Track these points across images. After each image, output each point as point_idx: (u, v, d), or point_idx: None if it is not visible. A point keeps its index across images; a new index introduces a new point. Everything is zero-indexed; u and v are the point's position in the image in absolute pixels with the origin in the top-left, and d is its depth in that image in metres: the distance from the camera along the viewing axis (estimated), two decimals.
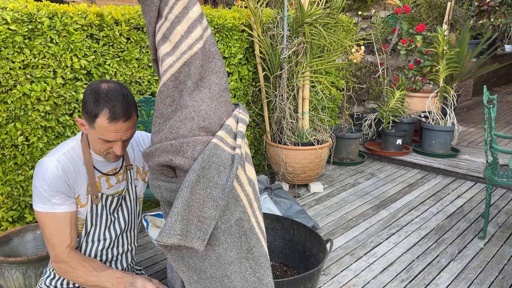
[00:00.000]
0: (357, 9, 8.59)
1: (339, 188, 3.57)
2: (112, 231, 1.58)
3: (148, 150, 1.16)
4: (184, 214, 1.08)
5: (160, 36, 1.11)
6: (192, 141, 1.09)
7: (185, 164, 1.10)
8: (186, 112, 1.09)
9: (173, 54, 1.10)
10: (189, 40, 1.09)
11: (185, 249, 1.17)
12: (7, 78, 2.19)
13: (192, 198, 1.08)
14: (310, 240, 2.09)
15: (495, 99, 2.92)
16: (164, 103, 1.13)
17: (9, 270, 1.89)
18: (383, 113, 4.24)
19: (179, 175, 1.16)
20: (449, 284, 2.24)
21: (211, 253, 1.16)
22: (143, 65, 2.76)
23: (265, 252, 1.26)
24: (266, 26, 3.44)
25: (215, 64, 1.14)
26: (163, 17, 1.10)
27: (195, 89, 1.10)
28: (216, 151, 1.10)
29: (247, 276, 1.23)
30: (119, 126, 1.33)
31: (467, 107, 6.85)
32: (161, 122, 1.14)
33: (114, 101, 1.30)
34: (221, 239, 1.16)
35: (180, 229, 1.08)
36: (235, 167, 1.11)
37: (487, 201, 2.67)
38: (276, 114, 3.46)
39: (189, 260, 1.18)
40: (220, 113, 1.14)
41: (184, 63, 1.10)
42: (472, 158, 4.19)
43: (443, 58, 4.19)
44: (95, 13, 2.45)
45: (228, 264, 1.17)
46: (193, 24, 1.09)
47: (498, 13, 7.26)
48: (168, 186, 1.16)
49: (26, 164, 2.36)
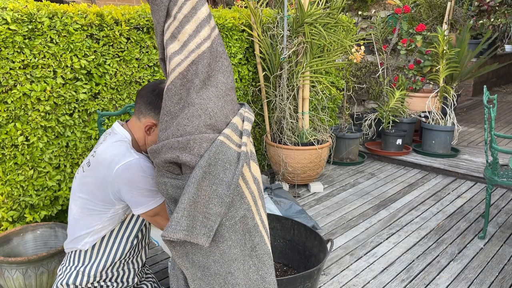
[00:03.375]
0: (357, 9, 8.59)
1: (339, 188, 3.57)
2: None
3: (155, 147, 1.17)
4: (190, 210, 1.09)
5: (169, 35, 1.13)
6: (199, 138, 1.10)
7: (191, 160, 1.11)
8: (193, 110, 1.11)
9: (181, 52, 1.12)
10: (197, 39, 1.11)
11: (189, 245, 1.17)
12: (7, 78, 2.19)
13: (198, 194, 1.09)
14: (310, 240, 2.09)
15: (495, 99, 2.92)
16: (172, 101, 1.14)
17: (9, 270, 1.89)
18: (383, 113, 4.24)
19: (185, 172, 1.17)
20: (449, 284, 2.24)
21: (215, 249, 1.17)
22: (143, 65, 2.76)
23: (268, 250, 1.27)
24: (266, 26, 3.44)
25: (222, 63, 1.16)
26: (172, 17, 1.11)
27: (202, 88, 1.12)
28: (222, 149, 1.11)
29: (250, 274, 1.23)
30: None
31: (467, 107, 6.85)
32: (168, 120, 1.15)
33: None
34: (226, 236, 1.16)
35: (186, 225, 1.09)
36: (241, 165, 1.12)
37: (487, 201, 2.67)
38: (276, 114, 3.46)
39: (193, 257, 1.18)
40: (226, 111, 1.16)
41: (192, 62, 1.11)
42: (472, 158, 4.19)
43: (443, 58, 4.19)
44: (95, 13, 2.45)
45: (232, 261, 1.18)
46: (201, 24, 1.11)
47: (498, 13, 7.26)
48: (173, 183, 1.17)
49: (26, 164, 2.36)
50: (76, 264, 1.57)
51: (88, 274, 1.55)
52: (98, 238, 1.53)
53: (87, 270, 1.55)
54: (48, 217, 2.53)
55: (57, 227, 2.19)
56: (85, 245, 1.54)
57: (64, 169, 2.51)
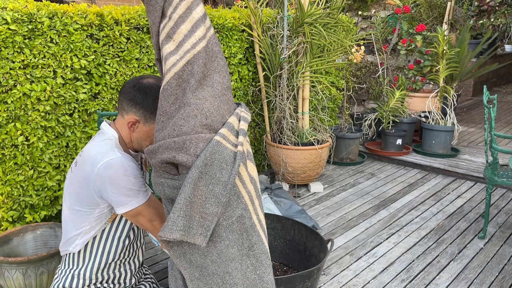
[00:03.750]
0: (357, 9, 8.59)
1: (339, 188, 3.57)
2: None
3: (151, 148, 1.17)
4: (186, 210, 1.09)
5: (164, 36, 1.13)
6: (195, 138, 1.10)
7: (187, 161, 1.11)
8: (189, 110, 1.11)
9: (177, 53, 1.12)
10: (192, 39, 1.11)
11: (187, 245, 1.17)
12: (7, 78, 2.19)
13: (194, 194, 1.10)
14: (311, 240, 2.09)
15: (495, 99, 2.92)
16: (168, 101, 1.14)
17: (9, 270, 1.89)
18: (383, 113, 4.24)
19: (181, 172, 1.17)
20: (449, 284, 2.24)
21: (212, 249, 1.17)
22: (143, 65, 2.76)
23: (266, 249, 1.27)
24: (266, 26, 3.44)
25: (217, 63, 1.16)
26: (167, 17, 1.12)
27: (198, 88, 1.12)
28: (218, 148, 1.12)
29: (248, 273, 1.23)
30: None
31: (467, 107, 6.85)
32: (164, 120, 1.16)
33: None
34: (223, 235, 1.17)
35: (182, 225, 1.09)
36: (237, 164, 1.12)
37: (487, 201, 2.67)
38: (276, 114, 3.46)
39: (190, 257, 1.19)
40: (222, 111, 1.16)
41: (187, 62, 1.11)
42: (472, 158, 4.19)
43: (443, 58, 4.19)
44: (95, 13, 2.45)
45: (229, 261, 1.18)
46: (196, 24, 1.11)
47: (498, 13, 7.26)
48: (170, 183, 1.17)
49: (26, 164, 2.36)
50: (71, 267, 1.57)
51: (84, 276, 1.55)
52: (89, 239, 1.51)
53: (82, 273, 1.54)
54: (48, 217, 2.53)
55: (57, 227, 2.19)
56: (76, 247, 1.52)
57: (64, 169, 2.51)
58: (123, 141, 1.51)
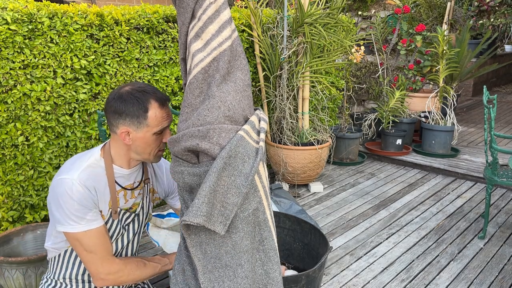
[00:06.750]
0: (357, 9, 8.60)
1: (339, 188, 3.57)
2: (119, 243, 1.57)
3: (175, 137, 1.24)
4: (210, 197, 1.16)
5: (193, 35, 1.23)
6: (218, 128, 1.19)
7: (210, 148, 1.18)
8: (213, 102, 1.20)
9: (204, 50, 1.22)
10: (219, 39, 1.22)
11: (204, 235, 1.22)
12: (7, 78, 2.20)
13: (218, 183, 1.16)
14: (322, 247, 2.07)
15: (495, 99, 2.92)
16: (193, 94, 1.24)
17: (9, 270, 1.89)
18: (383, 113, 4.24)
19: (201, 160, 1.24)
20: (449, 284, 2.24)
21: (228, 240, 1.22)
22: (143, 65, 2.76)
23: (275, 246, 1.31)
24: (266, 26, 3.44)
25: (240, 62, 1.27)
26: (196, 18, 1.22)
27: (222, 82, 1.22)
28: (242, 142, 1.20)
29: (256, 268, 1.28)
30: (167, 109, 1.41)
31: (467, 107, 6.86)
32: (188, 112, 1.24)
33: (150, 91, 1.39)
34: (239, 227, 1.22)
35: (206, 211, 1.15)
36: (259, 158, 1.21)
37: (487, 201, 2.67)
38: (276, 114, 3.46)
39: (206, 247, 1.23)
40: (243, 105, 1.26)
41: (213, 58, 1.22)
42: (472, 158, 4.19)
43: (443, 58, 4.19)
44: (95, 13, 2.45)
45: (242, 253, 1.23)
46: (223, 25, 1.22)
47: (498, 13, 7.27)
48: (190, 171, 1.24)
49: (26, 164, 2.36)
50: (54, 273, 1.55)
51: (70, 278, 1.53)
52: (61, 250, 1.50)
53: (67, 277, 1.52)
54: (48, 217, 2.53)
55: None
56: (51, 253, 1.52)
57: None
58: (121, 158, 1.47)
